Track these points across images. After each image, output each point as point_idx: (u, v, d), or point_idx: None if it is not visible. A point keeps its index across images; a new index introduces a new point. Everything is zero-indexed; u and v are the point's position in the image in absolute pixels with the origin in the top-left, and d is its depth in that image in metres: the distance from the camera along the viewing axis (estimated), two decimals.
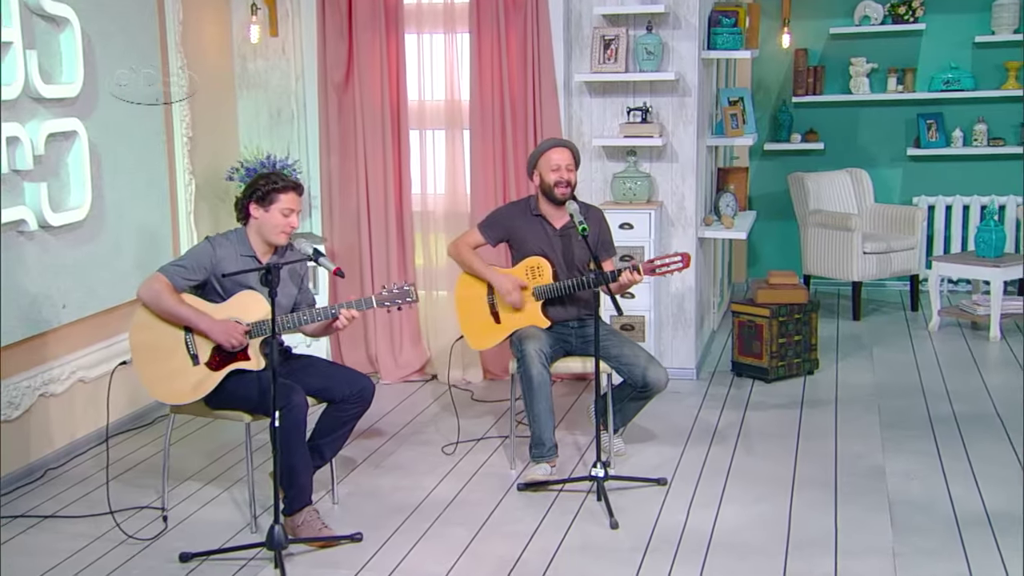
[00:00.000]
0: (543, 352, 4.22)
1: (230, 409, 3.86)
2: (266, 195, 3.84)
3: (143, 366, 3.80)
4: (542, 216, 4.45)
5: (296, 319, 3.81)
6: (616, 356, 4.34)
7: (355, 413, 3.97)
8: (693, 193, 5.59)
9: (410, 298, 3.91)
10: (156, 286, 3.74)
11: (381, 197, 5.75)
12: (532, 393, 4.20)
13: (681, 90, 5.49)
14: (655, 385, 4.31)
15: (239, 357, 3.81)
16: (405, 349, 5.85)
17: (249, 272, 3.78)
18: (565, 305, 4.45)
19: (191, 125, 5.42)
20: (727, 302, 7.37)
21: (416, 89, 5.74)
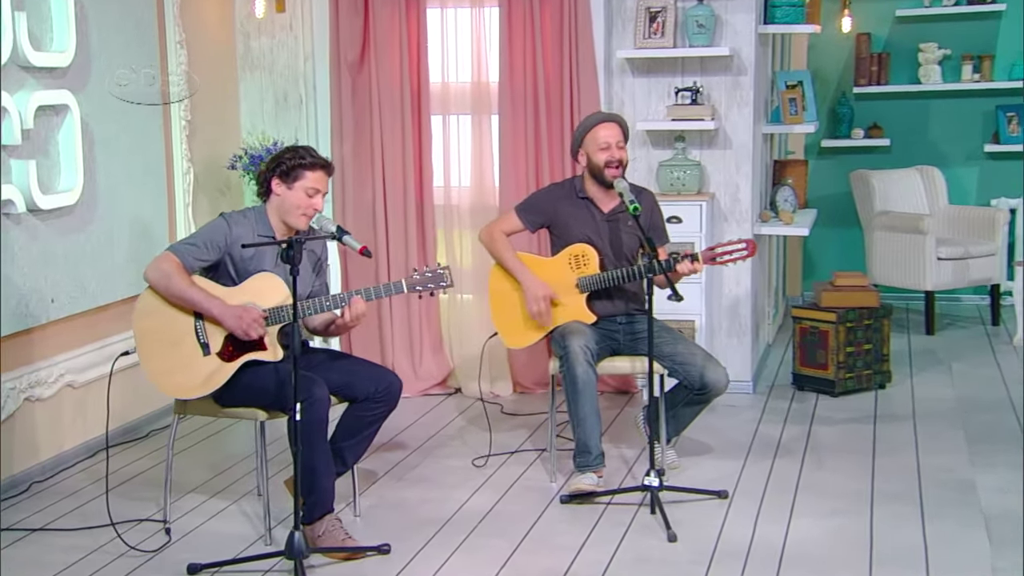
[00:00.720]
0: (589, 349, 4.29)
1: (243, 406, 3.93)
2: (291, 170, 3.93)
3: (148, 356, 3.88)
4: (589, 199, 4.54)
5: (318, 304, 3.89)
6: (670, 355, 4.41)
7: (380, 413, 4.04)
8: (749, 184, 5.68)
9: (444, 282, 4.00)
10: (165, 266, 3.83)
11: (399, 190, 5.85)
12: (577, 394, 4.27)
13: (736, 68, 5.60)
14: (714, 386, 4.37)
15: (254, 347, 3.89)
16: (425, 359, 5.92)
17: (266, 245, 3.87)
18: (612, 298, 4.52)
19: (189, 108, 5.54)
20: (782, 315, 7.43)
21: (439, 70, 5.86)
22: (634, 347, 4.51)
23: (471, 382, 5.83)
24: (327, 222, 3.91)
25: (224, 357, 3.88)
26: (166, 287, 3.82)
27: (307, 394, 3.72)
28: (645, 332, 4.40)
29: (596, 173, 4.46)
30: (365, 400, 4.00)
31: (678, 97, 5.61)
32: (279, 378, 3.83)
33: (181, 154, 5.50)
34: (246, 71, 6.06)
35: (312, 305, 3.90)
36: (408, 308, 5.88)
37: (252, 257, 3.93)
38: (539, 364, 5.85)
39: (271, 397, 3.85)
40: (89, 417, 4.93)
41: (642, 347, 4.45)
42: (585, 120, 4.54)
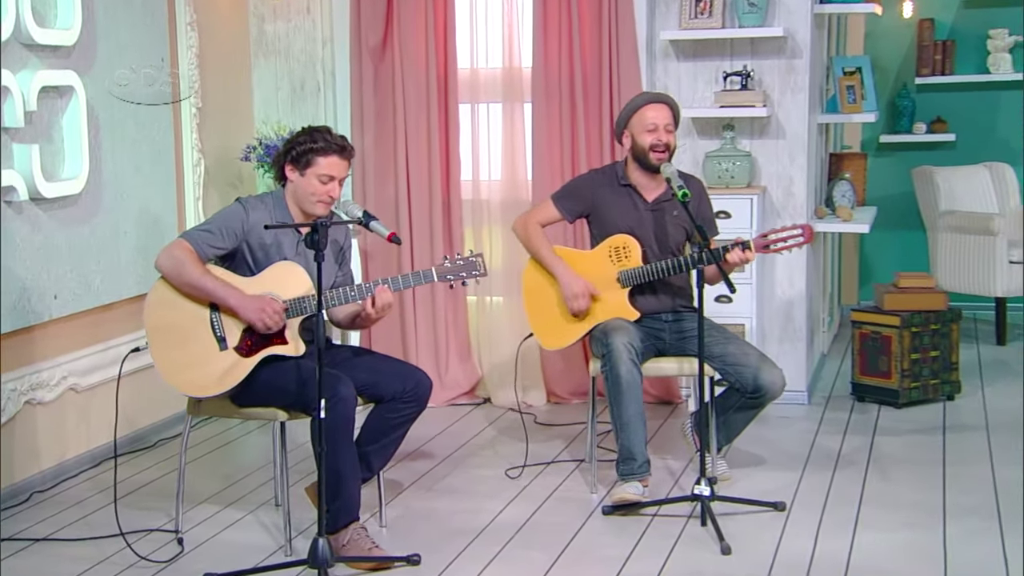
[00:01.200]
0: (633, 347, 4.32)
1: (262, 405, 3.98)
2: (301, 155, 3.99)
3: (161, 351, 3.93)
4: (632, 187, 4.58)
5: (342, 294, 3.94)
6: (720, 355, 4.43)
7: (408, 415, 4.08)
8: (804, 177, 5.71)
9: (477, 270, 4.04)
10: (178, 253, 3.89)
11: (425, 184, 5.91)
12: (620, 396, 4.29)
13: (789, 51, 5.64)
14: (769, 388, 4.39)
15: (275, 341, 3.94)
16: (452, 366, 5.96)
17: (290, 228, 3.93)
18: (657, 294, 4.56)
19: (200, 95, 5.62)
20: (837, 324, 7.44)
21: (468, 54, 5.93)
22: (682, 347, 4.54)
23: (502, 391, 5.86)
24: (353, 207, 3.97)
25: (242, 352, 3.93)
26: (179, 276, 3.87)
27: (332, 392, 3.76)
28: (693, 330, 4.44)
29: (640, 157, 4.50)
30: (392, 400, 4.04)
31: (727, 82, 5.65)
32: (301, 375, 3.88)
33: (191, 144, 5.57)
34: (260, 57, 6.14)
35: (335, 295, 3.95)
36: (433, 311, 5.93)
37: (271, 244, 3.99)
38: (575, 372, 5.89)
39: (292, 395, 3.90)
40: (93, 424, 4.99)
41: (690, 347, 4.47)
42: (633, 100, 4.58)
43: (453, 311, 5.97)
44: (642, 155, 4.49)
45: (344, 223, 3.92)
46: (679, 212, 4.55)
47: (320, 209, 3.97)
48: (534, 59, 5.79)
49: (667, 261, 4.43)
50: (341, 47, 6.03)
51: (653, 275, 4.46)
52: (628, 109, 4.55)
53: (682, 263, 4.42)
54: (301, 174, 3.98)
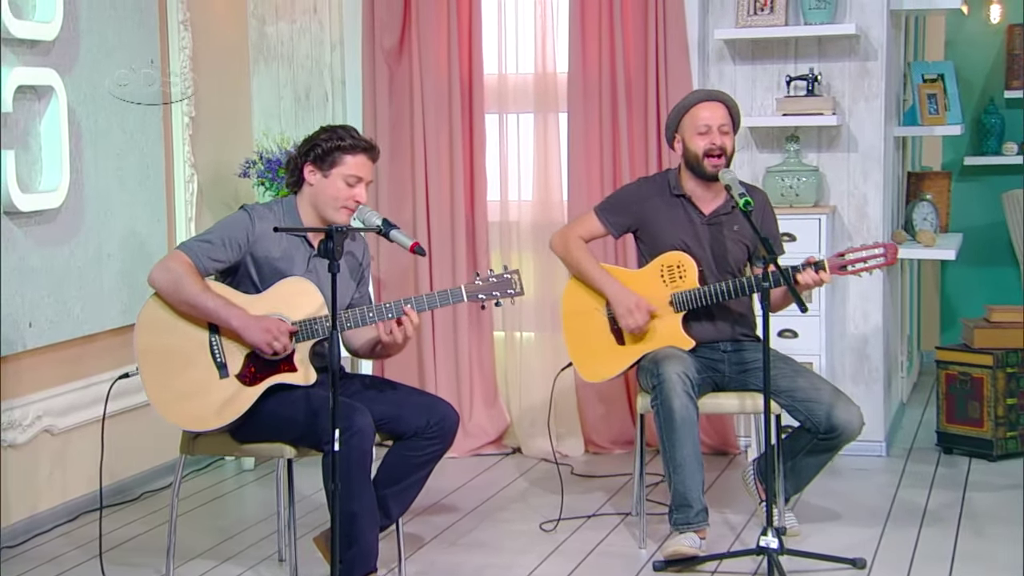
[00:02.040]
0: (688, 378, 4.35)
1: (266, 440, 4.02)
2: (327, 154, 4.05)
3: (153, 378, 3.98)
4: (686, 197, 4.63)
5: (360, 316, 3.99)
6: (788, 390, 4.45)
7: (432, 453, 4.11)
8: (879, 195, 5.75)
9: (512, 289, 4.09)
10: (175, 267, 3.95)
11: (446, 204, 5.99)
12: (674, 433, 4.32)
13: (862, 52, 5.70)
14: (845, 428, 4.40)
15: (282, 368, 3.99)
16: (476, 411, 6.00)
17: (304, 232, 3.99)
18: (715, 320, 4.59)
19: (194, 103, 5.71)
20: (917, 370, 7.44)
21: (495, 58, 6.02)
22: (743, 380, 4.56)
23: (533, 440, 5.89)
24: (371, 214, 4.03)
25: (245, 380, 3.98)
26: (175, 292, 3.93)
27: (347, 423, 3.79)
28: (756, 362, 4.47)
29: (694, 164, 4.56)
30: (414, 436, 4.08)
31: (790, 87, 5.71)
32: (311, 405, 3.92)
33: (183, 158, 5.66)
34: (260, 62, 6.24)
35: (352, 317, 3.99)
36: (456, 347, 5.97)
37: (280, 258, 4.05)
38: (617, 418, 5.92)
39: (302, 427, 3.94)
40: (70, 472, 5.03)
41: (753, 380, 4.50)
42: (685, 98, 4.64)
43: (478, 348, 6.02)
44: (695, 161, 4.54)
45: (362, 230, 3.97)
46: (740, 227, 4.59)
47: (343, 216, 4.04)
48: (570, 63, 5.87)
49: (727, 282, 4.47)
50: (352, 51, 6.13)
51: (711, 298, 4.49)
52: (678, 109, 4.61)
53: (745, 285, 4.45)
54: (325, 175, 4.05)
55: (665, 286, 4.55)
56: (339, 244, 3.68)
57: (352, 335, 4.18)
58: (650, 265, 4.60)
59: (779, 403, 4.45)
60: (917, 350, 7.62)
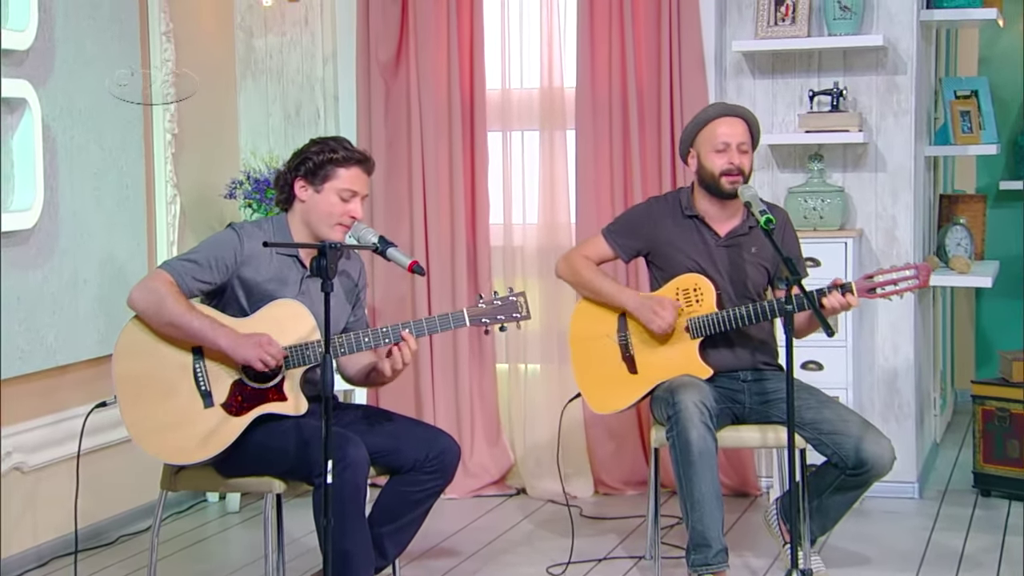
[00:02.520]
0: (706, 407, 4.36)
1: (254, 474, 4.04)
2: (319, 168, 4.09)
3: (133, 407, 3.99)
4: (699, 218, 4.65)
5: (354, 341, 4.01)
6: (814, 421, 4.46)
7: (432, 489, 4.12)
8: (909, 218, 5.78)
9: (518, 313, 4.11)
10: (157, 287, 3.97)
11: (446, 228, 6.02)
12: (691, 467, 4.32)
13: (891, 65, 5.74)
14: (875, 462, 4.39)
15: (270, 396, 4.00)
16: (478, 449, 6.01)
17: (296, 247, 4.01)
18: (734, 347, 4.61)
19: (176, 120, 5.75)
20: (951, 409, 7.45)
21: (499, 72, 6.06)
22: (765, 412, 4.57)
23: (539, 480, 5.90)
24: (366, 231, 4.05)
25: (231, 410, 3.99)
26: (158, 313, 3.95)
27: (340, 454, 3.80)
28: (778, 392, 4.48)
29: (709, 183, 4.58)
30: (412, 470, 4.10)
31: (814, 103, 5.75)
32: (302, 436, 3.94)
33: (165, 177, 5.70)
34: (248, 77, 6.29)
35: (347, 342, 4.01)
36: (456, 380, 5.99)
37: (270, 280, 4.07)
38: (629, 456, 5.93)
39: (292, 459, 3.95)
40: (41, 513, 5.02)
41: (776, 412, 4.51)
42: (701, 112, 4.68)
43: (479, 381, 6.04)
44: (711, 180, 4.56)
45: (356, 247, 3.99)
46: (759, 248, 4.61)
47: (338, 233, 4.07)
48: (579, 77, 5.92)
49: (748, 307, 4.48)
50: (345, 64, 6.18)
51: (730, 323, 4.51)
52: (695, 123, 4.64)
53: (766, 309, 4.47)
54: (317, 190, 4.08)
55: (681, 311, 4.56)
56: (333, 262, 3.70)
57: (346, 361, 4.20)
58: (665, 288, 4.62)
59: (804, 436, 4.45)
60: (951, 387, 7.63)
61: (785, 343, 4.22)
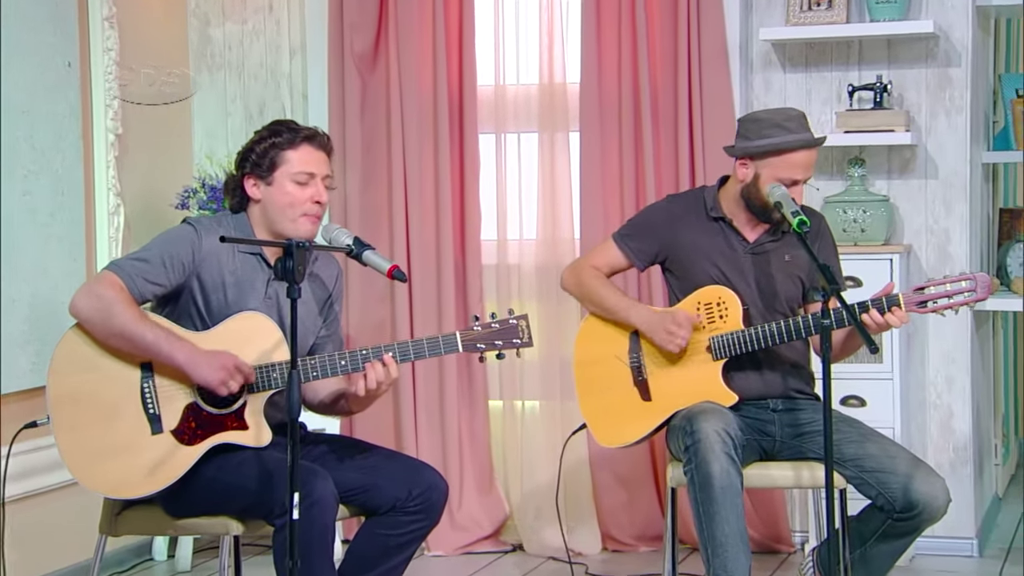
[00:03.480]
0: (729, 436, 4.35)
1: (207, 514, 4.02)
2: (263, 157, 4.10)
3: (69, 430, 3.97)
4: (725, 221, 4.67)
5: (328, 364, 4.01)
6: (855, 458, 4.45)
7: (414, 532, 4.11)
8: (964, 232, 5.80)
9: (518, 338, 4.11)
10: (105, 292, 3.94)
11: (431, 245, 6.04)
12: (712, 505, 4.30)
13: (942, 56, 5.77)
14: (927, 505, 4.37)
15: (229, 424, 4.00)
16: (468, 499, 6.01)
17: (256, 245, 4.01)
18: (762, 371, 4.61)
19: (120, 118, 5.76)
20: (1014, 460, 7.44)
21: (491, 67, 6.10)
22: (798, 447, 4.57)
23: (538, 534, 5.90)
24: (339, 232, 4.06)
25: (183, 438, 3.98)
26: (104, 322, 3.93)
27: (305, 490, 3.77)
28: (815, 423, 4.48)
29: (756, 205, 4.56)
30: (391, 511, 4.08)
31: (854, 99, 5.78)
32: (264, 468, 3.93)
33: (107, 184, 5.70)
34: (203, 71, 6.32)
35: (320, 365, 4.01)
36: (442, 419, 6.00)
37: (232, 284, 4.07)
38: (642, 506, 5.93)
39: (251, 497, 3.93)
40: None
41: (811, 446, 4.51)
42: (779, 131, 4.52)
43: (470, 420, 6.04)
44: (760, 206, 4.55)
45: (328, 249, 4.00)
46: (793, 257, 4.62)
47: (305, 227, 4.06)
48: (583, 72, 5.95)
49: (779, 323, 4.49)
50: (316, 57, 6.21)
51: (758, 343, 4.51)
52: (771, 144, 4.52)
53: (800, 325, 4.47)
54: (268, 183, 4.09)
55: (702, 328, 4.57)
56: (301, 263, 3.70)
57: (315, 385, 4.20)
58: (684, 302, 4.62)
59: (844, 475, 4.44)
60: (1015, 435, 7.63)
61: (822, 366, 4.21)
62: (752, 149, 4.54)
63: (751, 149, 4.54)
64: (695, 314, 4.56)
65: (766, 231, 4.65)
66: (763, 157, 4.53)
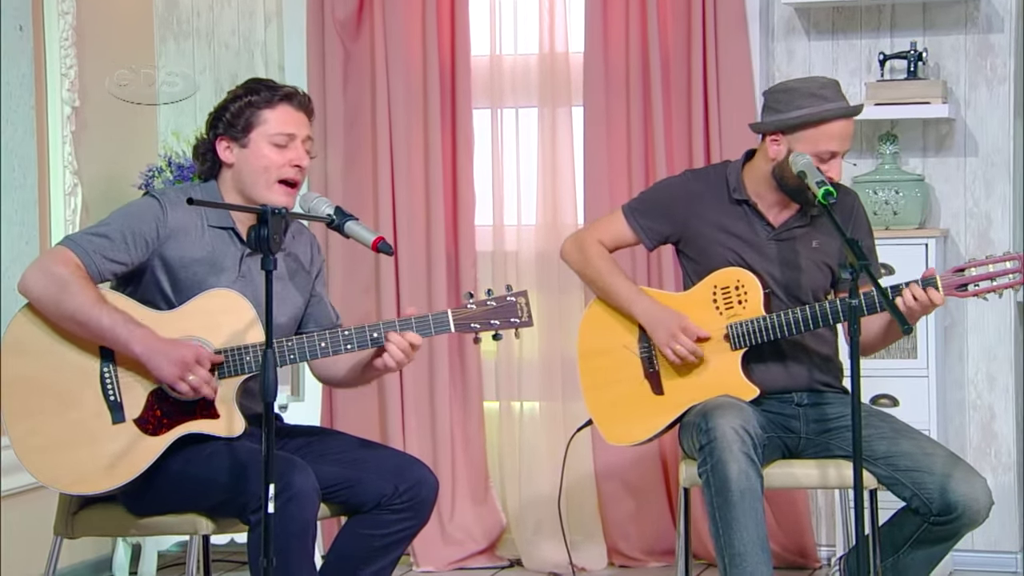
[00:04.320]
0: (749, 435, 4.34)
1: (173, 511, 4.02)
2: (237, 117, 4.10)
3: (20, 419, 3.96)
4: (749, 203, 4.67)
5: (307, 346, 4.01)
6: (888, 456, 4.45)
7: (402, 532, 4.10)
8: (1007, 214, 5.81)
9: (517, 317, 4.10)
10: (57, 269, 3.94)
11: (420, 229, 6.06)
12: (730, 510, 4.30)
13: (983, 22, 5.78)
14: (967, 507, 4.36)
15: (198, 412, 3.99)
16: (460, 509, 6.02)
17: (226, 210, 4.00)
18: (786, 362, 4.61)
19: (78, 89, 5.77)
20: None
21: (487, 35, 6.11)
22: (825, 444, 4.57)
23: (537, 548, 5.90)
24: (319, 201, 4.06)
25: (147, 427, 3.97)
26: (56, 303, 3.93)
27: (283, 483, 3.77)
28: (843, 419, 4.47)
29: (789, 183, 4.53)
30: (376, 508, 4.07)
31: (885, 68, 5.79)
32: (237, 460, 3.92)
33: (62, 162, 5.71)
34: (169, 40, 6.33)
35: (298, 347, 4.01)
36: (433, 423, 6.01)
37: (201, 260, 4.06)
38: (652, 517, 5.94)
39: (221, 493, 3.92)
40: None
41: (839, 443, 4.51)
42: (814, 101, 4.51)
43: (462, 423, 6.05)
44: (793, 185, 4.52)
45: (307, 218, 4.00)
46: (821, 243, 4.61)
47: (280, 193, 4.05)
48: (587, 40, 5.97)
49: (803, 310, 4.49)
50: (294, 24, 6.24)
51: (780, 331, 4.51)
52: (810, 111, 4.51)
53: (827, 311, 4.47)
54: (243, 145, 4.09)
55: (719, 314, 4.57)
56: (277, 232, 3.70)
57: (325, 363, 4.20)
58: (699, 286, 4.63)
59: (875, 474, 4.44)
60: None
61: (850, 354, 4.20)
62: (786, 122, 4.51)
63: (785, 122, 4.51)
64: (704, 331, 4.55)
65: (794, 215, 4.63)
66: (798, 130, 4.51)
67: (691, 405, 4.55)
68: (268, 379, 3.64)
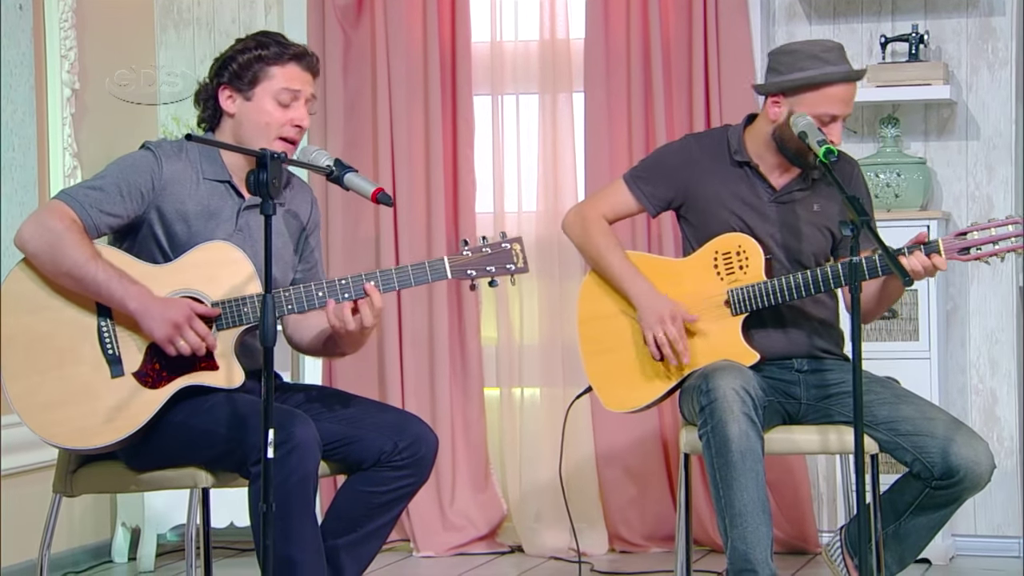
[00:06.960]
0: (749, 395, 4.36)
1: (173, 465, 4.04)
2: (245, 68, 4.13)
3: (19, 375, 3.98)
4: (750, 166, 4.70)
5: (304, 296, 4.03)
6: (889, 421, 4.46)
7: (402, 489, 4.12)
8: (1009, 197, 5.84)
9: (512, 264, 4.13)
10: (53, 223, 3.96)
11: (420, 216, 6.10)
12: (731, 470, 4.31)
13: (984, 4, 5.83)
14: (969, 471, 4.37)
15: (199, 365, 4.01)
16: (461, 496, 6.04)
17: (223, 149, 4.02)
18: (786, 328, 4.64)
19: (78, 72, 5.81)
20: None
21: (487, 21, 6.16)
22: (825, 409, 4.59)
23: (538, 535, 5.93)
24: (318, 153, 4.09)
25: (146, 380, 3.99)
26: (53, 259, 3.95)
27: (284, 434, 3.78)
28: (843, 384, 4.49)
29: (789, 147, 4.56)
30: (376, 466, 4.09)
31: (886, 52, 5.83)
32: (237, 412, 3.94)
33: (62, 143, 5.74)
34: (170, 29, 6.37)
35: (295, 297, 4.03)
36: (433, 409, 6.03)
37: (197, 213, 4.09)
38: (653, 503, 5.98)
39: (222, 445, 3.94)
40: None
41: (839, 408, 4.53)
42: (816, 62, 4.53)
43: (462, 409, 6.09)
44: (794, 149, 4.55)
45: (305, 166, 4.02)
46: (822, 206, 4.64)
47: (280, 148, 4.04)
48: (588, 26, 6.02)
49: (804, 274, 4.52)
50: (294, 11, 6.29)
51: (782, 296, 4.53)
52: (811, 73, 4.52)
53: (828, 275, 4.49)
54: (247, 97, 4.12)
55: (720, 280, 4.60)
56: (276, 176, 3.71)
57: (297, 324, 4.22)
58: (700, 252, 4.65)
59: (877, 439, 4.45)
60: None
61: (850, 317, 4.21)
62: (787, 83, 4.54)
63: (786, 84, 4.54)
64: (692, 316, 4.58)
65: (795, 178, 4.66)
66: (799, 92, 4.53)
67: (692, 370, 4.57)
68: (267, 324, 3.64)
